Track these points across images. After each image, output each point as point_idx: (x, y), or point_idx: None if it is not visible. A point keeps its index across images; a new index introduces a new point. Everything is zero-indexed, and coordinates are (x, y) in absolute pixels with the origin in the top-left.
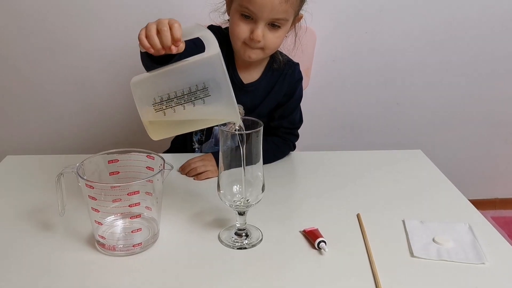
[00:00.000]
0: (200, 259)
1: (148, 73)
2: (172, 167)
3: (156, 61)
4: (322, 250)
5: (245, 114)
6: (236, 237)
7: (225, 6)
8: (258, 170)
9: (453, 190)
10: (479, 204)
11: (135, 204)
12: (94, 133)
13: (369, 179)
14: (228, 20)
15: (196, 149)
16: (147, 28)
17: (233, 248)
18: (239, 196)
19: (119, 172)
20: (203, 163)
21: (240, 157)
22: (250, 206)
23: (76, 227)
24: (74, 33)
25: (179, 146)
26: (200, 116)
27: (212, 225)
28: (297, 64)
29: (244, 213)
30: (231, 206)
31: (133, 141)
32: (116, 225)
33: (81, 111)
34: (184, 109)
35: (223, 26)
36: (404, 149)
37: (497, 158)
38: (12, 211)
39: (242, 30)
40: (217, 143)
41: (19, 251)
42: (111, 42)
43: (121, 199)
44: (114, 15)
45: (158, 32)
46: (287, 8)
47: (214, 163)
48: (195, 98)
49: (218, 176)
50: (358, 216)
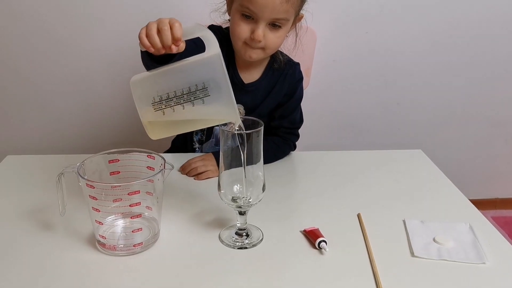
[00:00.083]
0: (201, 259)
1: (148, 72)
2: (172, 167)
3: (156, 61)
4: (322, 250)
5: (246, 114)
6: (236, 236)
7: (225, 6)
8: (258, 170)
9: (453, 190)
10: (480, 204)
11: (135, 203)
12: (95, 133)
13: (369, 179)
14: (229, 20)
15: (197, 149)
16: (147, 27)
17: (234, 248)
18: (239, 196)
19: (119, 172)
20: (204, 163)
21: (241, 157)
22: (251, 206)
23: (77, 227)
24: (74, 33)
25: (180, 146)
26: (199, 116)
27: (212, 224)
28: (298, 64)
29: (244, 213)
30: (231, 206)
31: (133, 140)
32: (116, 225)
33: (81, 111)
34: (183, 109)
35: (224, 26)
36: (405, 149)
37: (497, 158)
38: (12, 211)
39: (243, 30)
40: (217, 143)
41: (20, 251)
42: (111, 42)
43: (121, 199)
44: (114, 15)
45: (159, 31)
46: (288, 8)
47: (214, 163)
48: (194, 98)
49: (218, 176)
50: (358, 216)
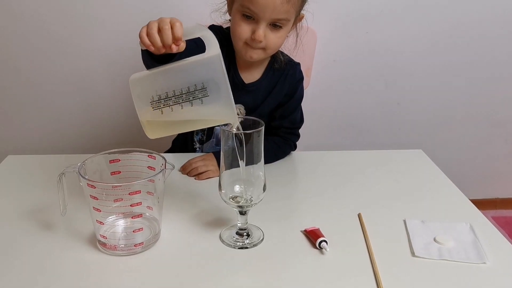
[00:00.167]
0: (202, 258)
1: (148, 70)
2: (173, 167)
3: (156, 60)
4: (323, 250)
5: (246, 114)
6: (237, 236)
7: (226, 6)
8: (259, 169)
9: (454, 190)
10: (480, 204)
11: (136, 203)
12: (95, 133)
13: (370, 178)
14: (229, 20)
15: (197, 149)
16: (148, 26)
17: (235, 248)
18: (240, 195)
19: (120, 172)
20: (204, 163)
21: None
22: (252, 206)
23: (78, 227)
24: (74, 33)
25: (180, 145)
26: (198, 116)
27: (213, 224)
28: (298, 64)
29: (245, 212)
30: (232, 206)
31: (134, 140)
32: (117, 225)
33: (81, 111)
34: (182, 109)
35: (224, 26)
36: (405, 149)
37: (498, 158)
38: (13, 211)
39: (244, 30)
40: (218, 143)
41: (21, 251)
42: (111, 42)
43: (122, 199)
44: (114, 15)
45: (160, 30)
46: (288, 9)
47: (215, 162)
48: (193, 97)
49: (219, 176)
50: (359, 216)
